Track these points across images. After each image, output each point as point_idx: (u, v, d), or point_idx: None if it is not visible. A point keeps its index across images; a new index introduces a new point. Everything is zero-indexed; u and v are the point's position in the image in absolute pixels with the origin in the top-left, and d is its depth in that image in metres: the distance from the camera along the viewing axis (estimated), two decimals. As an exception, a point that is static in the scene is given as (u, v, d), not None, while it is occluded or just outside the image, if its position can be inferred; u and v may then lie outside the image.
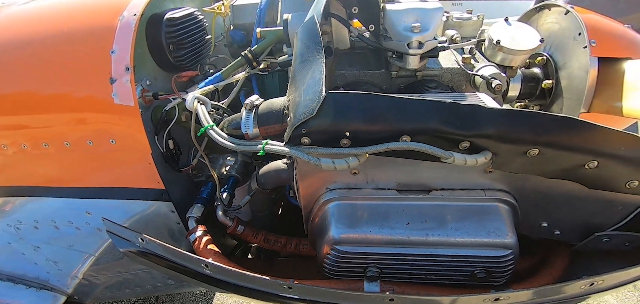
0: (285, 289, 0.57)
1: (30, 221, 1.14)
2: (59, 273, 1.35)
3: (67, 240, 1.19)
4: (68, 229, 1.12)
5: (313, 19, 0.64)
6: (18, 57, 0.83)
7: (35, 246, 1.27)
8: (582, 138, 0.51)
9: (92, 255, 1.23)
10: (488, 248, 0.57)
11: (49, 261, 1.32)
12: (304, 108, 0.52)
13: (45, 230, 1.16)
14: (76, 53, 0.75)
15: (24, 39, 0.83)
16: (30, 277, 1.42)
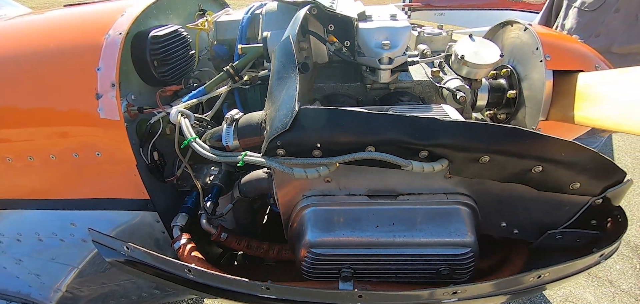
0: (263, 290, 0.61)
1: (13, 234, 1.14)
2: (41, 286, 1.33)
3: (50, 252, 1.18)
4: (52, 241, 1.12)
5: (288, 39, 0.69)
6: (3, 72, 0.85)
7: (17, 259, 1.26)
8: (527, 146, 0.58)
9: (76, 267, 1.23)
10: (450, 246, 0.63)
11: (31, 274, 1.31)
12: (279, 122, 0.57)
13: (28, 242, 1.16)
14: (63, 69, 0.78)
15: (10, 54, 0.86)
16: (11, 292, 1.40)
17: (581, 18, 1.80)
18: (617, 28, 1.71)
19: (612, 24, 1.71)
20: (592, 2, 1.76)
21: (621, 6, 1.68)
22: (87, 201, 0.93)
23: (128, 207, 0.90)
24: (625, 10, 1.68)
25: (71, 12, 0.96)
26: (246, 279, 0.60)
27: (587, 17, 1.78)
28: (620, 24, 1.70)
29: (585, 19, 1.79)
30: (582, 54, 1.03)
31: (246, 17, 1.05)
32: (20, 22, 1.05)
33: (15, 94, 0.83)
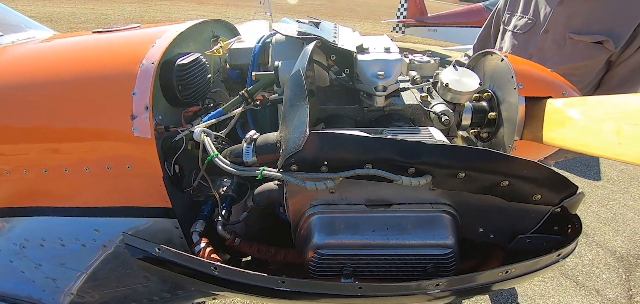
0: (279, 283, 0.72)
1: (38, 239, 1.22)
2: (55, 290, 1.40)
3: (70, 257, 1.26)
4: (74, 246, 1.21)
5: (299, 72, 0.82)
6: (44, 94, 0.96)
7: (37, 264, 1.33)
8: (494, 164, 0.71)
9: (92, 271, 1.31)
10: (434, 248, 0.76)
11: (48, 278, 1.38)
12: (293, 143, 0.69)
13: (50, 248, 1.24)
14: (101, 93, 0.90)
15: (51, 76, 0.97)
16: (22, 296, 1.46)
17: (515, 40, 1.88)
18: (548, 49, 1.75)
19: (543, 45, 1.76)
20: (522, 24, 1.84)
21: (549, 27, 1.74)
22: (114, 208, 1.04)
23: (151, 214, 1.01)
24: (554, 31, 1.73)
25: (104, 39, 1.08)
26: (265, 274, 0.72)
27: (520, 39, 1.85)
28: (550, 44, 1.75)
29: (519, 41, 1.86)
30: (550, 82, 1.18)
31: (258, 46, 1.18)
32: (56, 45, 1.17)
33: (54, 112, 0.95)
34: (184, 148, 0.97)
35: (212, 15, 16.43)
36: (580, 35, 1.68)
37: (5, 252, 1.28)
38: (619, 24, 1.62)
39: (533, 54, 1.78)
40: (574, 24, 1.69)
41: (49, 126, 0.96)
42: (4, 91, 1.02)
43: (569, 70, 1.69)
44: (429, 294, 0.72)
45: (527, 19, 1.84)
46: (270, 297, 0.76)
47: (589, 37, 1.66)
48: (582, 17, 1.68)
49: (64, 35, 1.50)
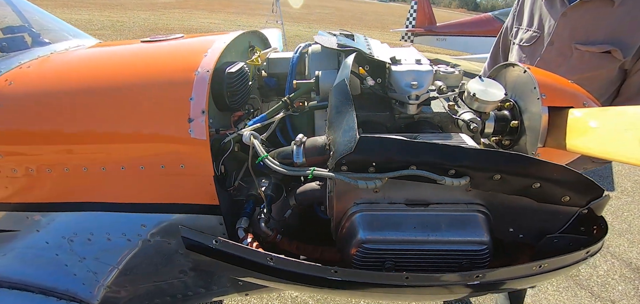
0: (332, 273, 0.79)
1: (86, 234, 1.29)
2: (93, 284, 1.47)
3: (114, 251, 1.32)
4: (119, 240, 1.28)
5: (344, 81, 0.90)
6: (105, 97, 1.06)
7: (81, 257, 1.40)
8: (528, 168, 0.77)
9: (132, 265, 1.38)
10: (470, 244, 0.82)
11: (89, 272, 1.45)
12: (344, 146, 0.77)
13: (97, 242, 1.31)
14: (161, 98, 0.99)
15: (112, 83, 1.07)
16: (60, 289, 1.52)
17: (522, 53, 1.88)
18: (553, 60, 1.74)
19: (549, 57, 1.76)
20: (528, 37, 1.84)
21: (554, 39, 1.73)
22: (163, 205, 1.12)
23: (198, 211, 1.09)
24: (559, 43, 1.73)
25: (156, 49, 1.18)
26: (318, 264, 0.79)
27: (526, 52, 1.86)
28: (556, 56, 1.74)
29: (526, 53, 1.86)
30: (572, 93, 1.24)
31: (296, 56, 1.27)
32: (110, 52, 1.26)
33: (115, 114, 1.04)
34: (232, 150, 1.05)
35: (224, 23, 16.78)
36: (586, 46, 1.67)
37: (52, 245, 1.35)
38: (625, 33, 1.62)
39: (539, 66, 1.77)
40: (579, 35, 1.69)
41: (110, 127, 1.05)
42: (67, 94, 1.12)
43: (578, 81, 1.68)
44: (469, 285, 0.78)
45: (532, 31, 1.85)
46: (322, 286, 0.82)
47: (595, 47, 1.66)
48: (586, 27, 1.68)
49: (111, 43, 1.61)
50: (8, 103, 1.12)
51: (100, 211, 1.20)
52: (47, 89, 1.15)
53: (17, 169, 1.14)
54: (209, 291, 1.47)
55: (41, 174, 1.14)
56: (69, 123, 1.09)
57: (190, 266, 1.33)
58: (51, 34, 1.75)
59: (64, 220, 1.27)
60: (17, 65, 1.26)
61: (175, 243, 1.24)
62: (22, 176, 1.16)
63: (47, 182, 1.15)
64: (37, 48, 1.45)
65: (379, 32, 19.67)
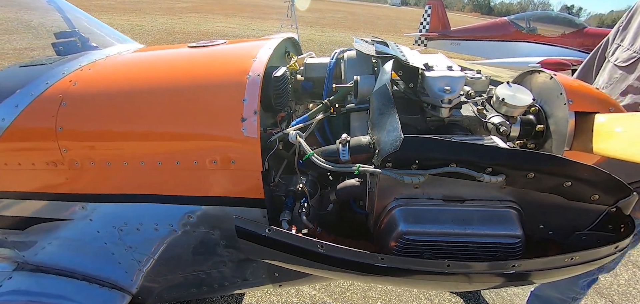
0: (379, 260, 0.87)
1: (136, 224, 1.37)
2: (136, 272, 1.55)
3: (159, 241, 1.40)
4: (166, 231, 1.37)
5: (386, 86, 0.99)
6: (163, 98, 1.16)
7: (128, 246, 1.49)
8: (559, 168, 0.84)
9: (175, 254, 1.47)
10: (504, 237, 0.88)
11: (133, 261, 1.54)
12: (390, 145, 0.85)
13: (145, 231, 1.39)
14: (214, 99, 1.09)
15: (167, 85, 1.18)
16: (103, 277, 1.62)
17: (614, 73, 1.76)
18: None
19: None
20: (625, 57, 1.71)
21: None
22: (211, 198, 1.21)
23: (244, 204, 1.18)
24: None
25: (205, 53, 1.28)
26: (366, 251, 0.87)
27: (619, 73, 1.74)
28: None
29: (618, 74, 1.73)
30: (597, 99, 1.29)
31: (332, 62, 1.36)
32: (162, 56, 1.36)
33: (171, 113, 1.14)
34: (276, 148, 1.14)
35: (238, 27, 17.10)
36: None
37: (102, 234, 1.45)
38: None
39: (629, 91, 1.64)
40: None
41: (166, 125, 1.16)
42: (126, 94, 1.23)
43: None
44: (505, 274, 0.85)
45: (632, 52, 1.72)
46: (368, 273, 0.90)
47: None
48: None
49: (158, 47, 1.73)
50: (73, 102, 1.24)
51: (151, 202, 1.30)
52: (107, 89, 1.27)
53: (79, 162, 1.25)
54: (245, 281, 1.55)
55: (101, 167, 1.25)
56: (128, 121, 1.20)
57: (230, 256, 1.42)
58: (98, 38, 1.89)
59: (116, 211, 1.37)
60: (78, 67, 1.38)
61: (218, 233, 1.33)
62: (83, 168, 1.27)
63: (105, 174, 1.26)
64: (93, 51, 1.58)
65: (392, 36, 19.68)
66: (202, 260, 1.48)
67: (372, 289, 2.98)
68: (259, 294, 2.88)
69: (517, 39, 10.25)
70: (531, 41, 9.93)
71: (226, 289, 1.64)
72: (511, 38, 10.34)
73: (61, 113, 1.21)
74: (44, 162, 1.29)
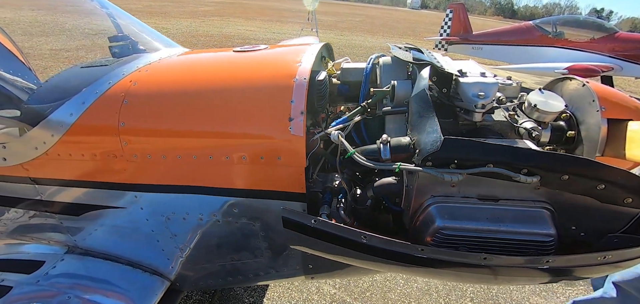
0: (419, 251, 0.94)
1: (182, 213, 1.47)
2: (177, 259, 1.65)
3: (202, 230, 1.50)
4: (210, 220, 1.47)
5: (425, 91, 1.06)
6: (216, 98, 1.27)
7: (173, 234, 1.59)
8: (593, 171, 0.88)
9: (215, 244, 1.57)
10: (537, 236, 0.94)
11: (176, 248, 1.65)
12: (430, 145, 0.92)
13: (190, 221, 1.48)
14: (263, 100, 1.20)
15: (218, 87, 1.29)
16: (145, 263, 1.72)
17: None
18: None
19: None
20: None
21: None
22: (255, 191, 1.31)
23: (286, 198, 1.27)
24: None
25: (252, 58, 1.39)
26: (407, 242, 0.94)
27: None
28: None
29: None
30: (631, 107, 1.31)
31: (369, 67, 1.44)
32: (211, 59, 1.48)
33: (223, 111, 1.25)
34: (318, 147, 1.23)
35: (259, 30, 17.45)
36: None
37: (151, 222, 1.56)
38: None
39: None
40: None
41: (218, 123, 1.27)
42: (181, 94, 1.36)
43: None
44: (539, 268, 0.90)
45: None
46: (408, 263, 0.97)
47: None
48: None
49: (205, 51, 1.87)
50: (134, 100, 1.37)
51: (199, 194, 1.41)
52: (164, 89, 1.40)
53: (137, 154, 1.39)
54: (278, 272, 1.64)
55: (157, 159, 1.37)
56: (183, 119, 1.32)
57: (267, 247, 1.52)
58: (144, 41, 2.04)
59: (166, 200, 1.48)
60: (136, 69, 1.52)
61: (258, 225, 1.43)
62: (140, 160, 1.40)
63: (161, 166, 1.39)
64: (146, 54, 1.73)
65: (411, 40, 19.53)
66: (241, 250, 1.58)
67: (392, 290, 3.02)
68: (281, 289, 2.97)
69: (543, 44, 9.97)
70: (558, 46, 9.64)
71: (260, 279, 1.73)
72: (536, 43, 10.07)
73: (123, 110, 1.35)
74: (105, 154, 1.42)
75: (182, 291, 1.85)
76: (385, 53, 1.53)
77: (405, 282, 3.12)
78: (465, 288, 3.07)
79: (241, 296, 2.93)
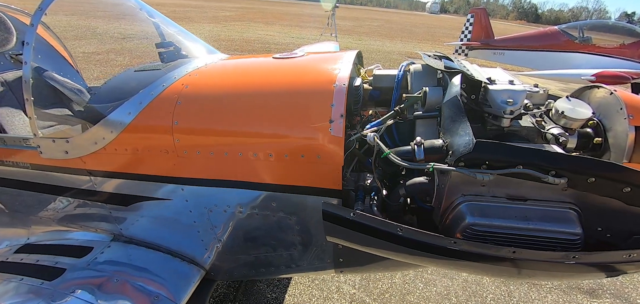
0: (452, 243, 1.02)
1: (223, 206, 1.57)
2: (214, 250, 1.73)
3: (240, 223, 1.60)
4: (249, 213, 1.55)
5: (457, 97, 1.14)
6: (261, 101, 1.40)
7: (213, 226, 1.69)
8: (619, 174, 0.94)
9: (252, 236, 1.68)
10: (564, 234, 1.00)
11: (214, 239, 1.75)
12: (463, 147, 1.00)
13: (230, 213, 1.58)
14: (305, 103, 1.31)
15: (263, 90, 1.42)
16: (184, 252, 1.81)
17: None
18: None
19: None
20: None
21: None
22: (294, 187, 1.42)
23: (324, 194, 1.37)
24: None
25: (293, 64, 1.51)
26: (441, 236, 1.03)
27: None
28: None
29: None
30: (660, 115, 1.35)
31: (400, 74, 1.54)
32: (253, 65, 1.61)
33: (269, 113, 1.37)
34: (353, 147, 1.33)
35: (279, 35, 17.79)
36: None
37: (194, 213, 1.68)
38: None
39: None
40: None
41: (263, 123, 1.38)
42: (229, 96, 1.49)
43: None
44: (566, 263, 0.96)
45: None
46: (441, 255, 1.05)
47: None
48: None
49: (245, 56, 2.02)
50: (187, 101, 1.52)
51: (241, 188, 1.53)
52: (213, 92, 1.54)
53: (187, 151, 1.53)
54: (310, 265, 1.73)
55: (205, 155, 1.51)
56: (231, 119, 1.45)
57: (301, 241, 1.62)
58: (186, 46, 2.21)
59: (210, 193, 1.59)
60: (186, 73, 1.67)
61: (294, 219, 1.53)
62: (190, 156, 1.54)
63: (208, 162, 1.52)
64: (194, 59, 1.88)
65: (430, 45, 19.37)
66: (276, 242, 1.67)
67: (411, 293, 3.07)
68: (302, 287, 3.06)
69: (569, 49, 9.68)
70: (585, 52, 9.36)
71: (290, 271, 1.83)
72: (562, 48, 9.79)
73: (177, 110, 1.49)
74: (157, 149, 1.57)
75: (216, 281, 1.96)
76: (415, 61, 1.62)
77: (424, 285, 3.15)
78: (485, 294, 3.08)
79: (263, 291, 3.02)
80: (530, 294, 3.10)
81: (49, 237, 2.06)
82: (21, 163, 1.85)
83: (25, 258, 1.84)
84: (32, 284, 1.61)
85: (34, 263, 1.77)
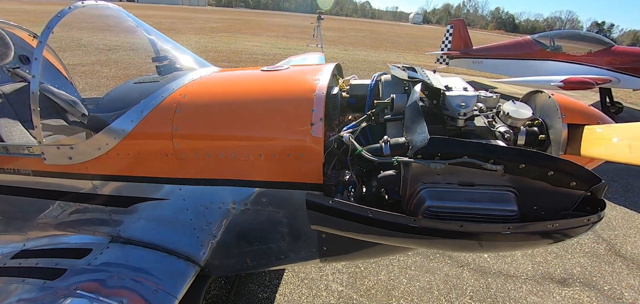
0: (412, 221, 1.22)
1: (218, 203, 1.71)
2: (208, 246, 1.85)
3: (234, 218, 1.74)
4: (241, 209, 1.71)
5: (416, 102, 1.37)
6: (249, 109, 1.59)
7: (208, 222, 1.83)
8: (541, 160, 1.18)
9: (244, 231, 1.82)
10: (504, 211, 1.23)
11: (210, 234, 1.86)
12: (420, 143, 1.22)
13: (224, 210, 1.72)
14: (290, 109, 1.51)
15: (254, 99, 1.61)
16: (180, 250, 1.90)
17: None
18: None
19: None
20: None
21: None
22: (283, 183, 1.60)
23: (308, 188, 1.55)
24: None
25: (278, 76, 1.71)
26: (404, 215, 1.23)
27: None
28: None
29: None
30: (587, 113, 1.61)
31: (372, 83, 1.77)
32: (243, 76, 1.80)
33: (257, 118, 1.56)
34: (332, 147, 1.54)
35: (265, 46, 18.02)
36: None
37: (191, 211, 1.81)
38: None
39: None
40: None
41: (253, 128, 1.57)
42: (223, 105, 1.67)
43: None
44: (504, 233, 1.18)
45: None
46: (405, 232, 1.25)
47: None
48: None
49: (236, 69, 2.21)
50: (185, 109, 1.69)
51: (234, 186, 1.70)
52: (209, 101, 1.71)
53: (185, 154, 1.69)
54: (297, 255, 1.90)
55: (201, 157, 1.68)
56: (226, 124, 1.63)
57: (288, 232, 1.80)
58: (180, 59, 2.38)
59: (206, 192, 1.73)
60: (183, 84, 1.85)
61: (282, 212, 1.71)
62: (188, 159, 1.70)
63: (204, 163, 1.69)
64: (189, 72, 2.06)
65: (413, 55, 19.98)
66: (266, 235, 1.83)
67: (395, 288, 3.26)
68: (292, 287, 3.20)
69: (541, 58, 10.27)
70: (555, 60, 9.95)
71: (280, 262, 1.97)
72: (535, 57, 10.38)
73: (176, 117, 1.66)
74: (157, 153, 1.73)
75: (210, 276, 2.09)
76: (386, 71, 1.85)
77: (408, 280, 3.34)
78: (465, 287, 3.29)
79: (255, 291, 3.13)
80: (506, 286, 3.33)
81: (47, 242, 2.12)
82: (22, 170, 1.94)
83: (24, 262, 1.91)
84: (34, 284, 1.70)
85: (33, 266, 1.85)
